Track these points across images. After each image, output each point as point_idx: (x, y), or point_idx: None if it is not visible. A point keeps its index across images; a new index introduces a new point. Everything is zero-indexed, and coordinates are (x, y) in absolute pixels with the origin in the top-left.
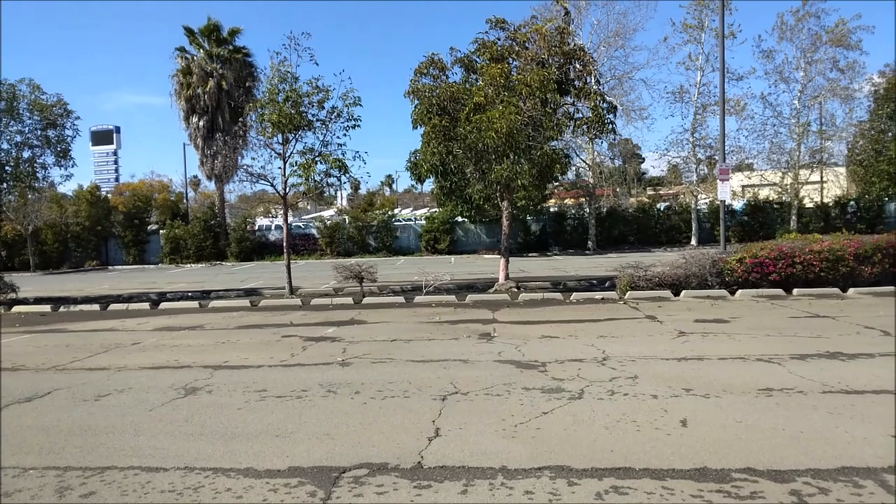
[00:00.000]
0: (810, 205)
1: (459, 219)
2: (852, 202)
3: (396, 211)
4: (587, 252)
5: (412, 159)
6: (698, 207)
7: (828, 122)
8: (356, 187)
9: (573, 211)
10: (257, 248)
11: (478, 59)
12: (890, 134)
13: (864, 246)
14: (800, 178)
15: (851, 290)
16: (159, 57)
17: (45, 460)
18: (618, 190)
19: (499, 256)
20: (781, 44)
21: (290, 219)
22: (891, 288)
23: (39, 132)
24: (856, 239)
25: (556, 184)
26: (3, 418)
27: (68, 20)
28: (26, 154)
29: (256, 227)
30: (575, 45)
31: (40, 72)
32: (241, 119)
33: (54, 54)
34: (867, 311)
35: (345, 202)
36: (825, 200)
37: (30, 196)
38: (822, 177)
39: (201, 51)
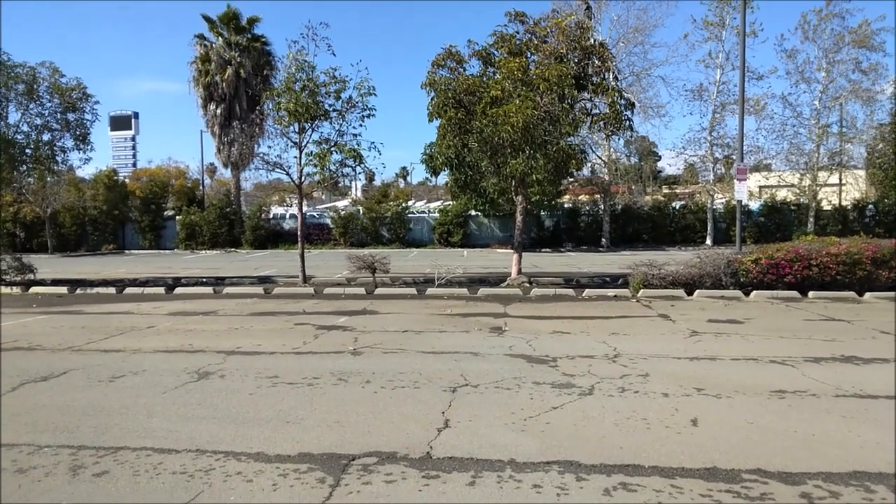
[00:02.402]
0: (828, 207)
1: (473, 212)
2: (871, 205)
3: (410, 203)
4: (601, 249)
5: (427, 151)
6: (714, 207)
7: (848, 123)
8: (371, 178)
9: (587, 207)
10: (272, 237)
11: (496, 52)
12: None
13: (882, 250)
14: (818, 180)
15: (868, 295)
16: (178, 44)
17: (59, 439)
18: (633, 187)
19: (511, 251)
20: (804, 44)
21: (304, 208)
22: None
23: (59, 115)
24: (874, 243)
25: (571, 180)
26: (19, 396)
27: (87, 5)
28: (46, 137)
29: (271, 216)
30: (594, 40)
31: (59, 56)
32: (258, 107)
33: (73, 39)
34: (883, 315)
35: (359, 193)
36: (843, 203)
37: (49, 179)
38: (840, 179)
39: (220, 38)
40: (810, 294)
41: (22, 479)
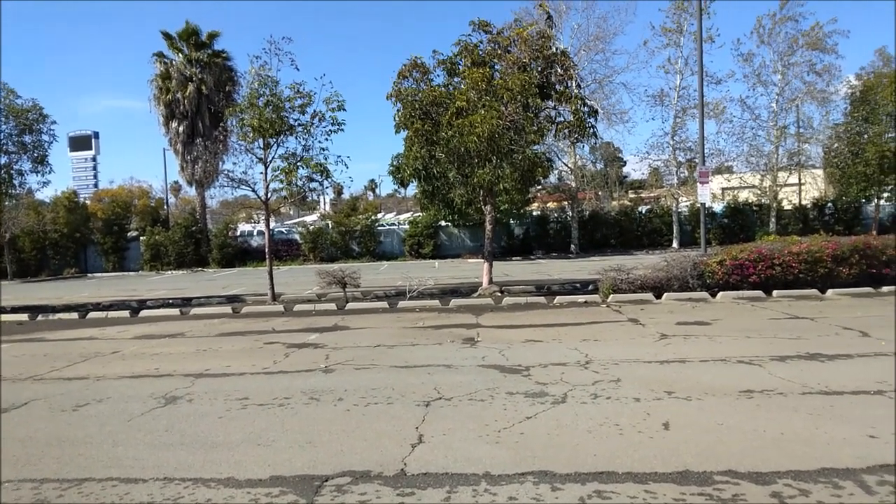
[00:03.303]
0: (789, 207)
1: (443, 223)
2: (830, 204)
3: (380, 215)
4: (570, 255)
5: (395, 163)
6: (679, 210)
7: (805, 124)
8: (339, 192)
9: (556, 214)
10: (239, 254)
11: (460, 63)
12: (866, 136)
13: (842, 247)
14: (778, 181)
15: (830, 292)
16: (138, 61)
17: (21, 472)
18: (600, 193)
19: (482, 260)
20: (760, 47)
21: (272, 224)
22: (868, 289)
23: (15, 138)
24: (833, 240)
25: (539, 187)
26: None
27: (43, 22)
28: (2, 160)
29: (238, 233)
30: (556, 49)
31: (13, 75)
32: (221, 124)
33: (28, 57)
34: (845, 311)
35: (328, 207)
36: (803, 202)
37: (6, 203)
38: (800, 179)
39: (180, 55)
40: (774, 293)
41: None
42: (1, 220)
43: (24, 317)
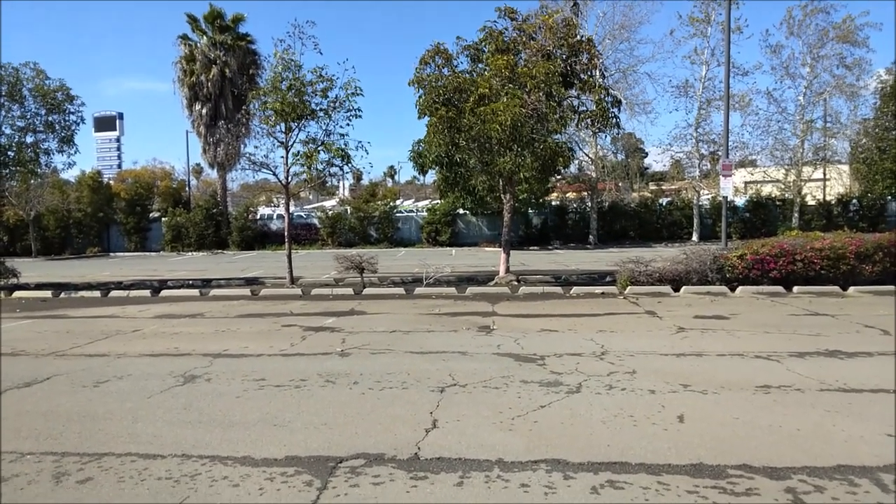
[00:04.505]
0: (812, 202)
1: (461, 211)
2: (855, 200)
3: (398, 202)
4: (588, 246)
5: (416, 149)
6: (700, 203)
7: (832, 119)
8: (358, 178)
9: (575, 205)
10: (259, 238)
11: (485, 49)
12: (894, 133)
13: (866, 244)
14: (803, 176)
15: (852, 289)
16: (163, 42)
17: (42, 445)
18: (620, 184)
19: (500, 249)
20: (789, 39)
21: (291, 208)
22: (892, 287)
23: (42, 117)
24: (857, 237)
25: (559, 177)
26: (2, 403)
27: (70, 4)
28: (29, 139)
29: (258, 216)
30: (582, 37)
31: (42, 56)
32: (244, 107)
33: (56, 39)
34: (867, 309)
35: (347, 192)
36: (828, 198)
37: (32, 181)
38: (825, 174)
39: (204, 38)
40: (795, 289)
41: (4, 487)
42: (27, 198)
43: (47, 294)
